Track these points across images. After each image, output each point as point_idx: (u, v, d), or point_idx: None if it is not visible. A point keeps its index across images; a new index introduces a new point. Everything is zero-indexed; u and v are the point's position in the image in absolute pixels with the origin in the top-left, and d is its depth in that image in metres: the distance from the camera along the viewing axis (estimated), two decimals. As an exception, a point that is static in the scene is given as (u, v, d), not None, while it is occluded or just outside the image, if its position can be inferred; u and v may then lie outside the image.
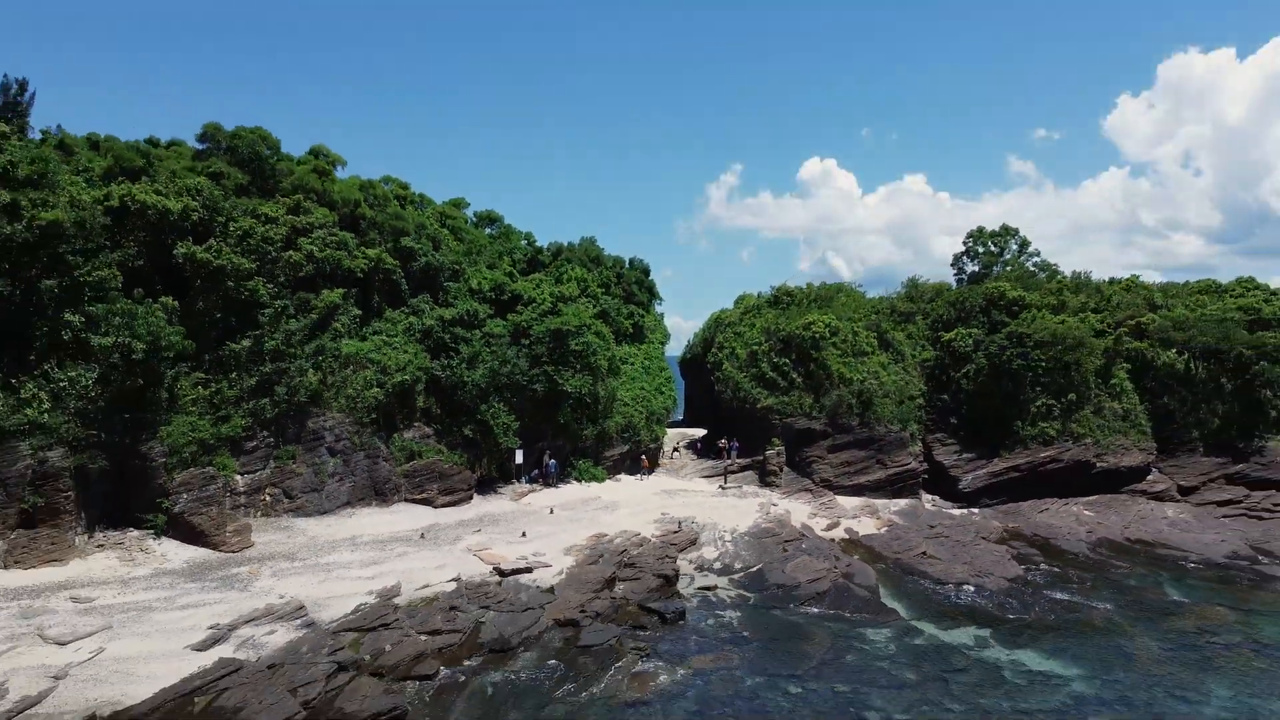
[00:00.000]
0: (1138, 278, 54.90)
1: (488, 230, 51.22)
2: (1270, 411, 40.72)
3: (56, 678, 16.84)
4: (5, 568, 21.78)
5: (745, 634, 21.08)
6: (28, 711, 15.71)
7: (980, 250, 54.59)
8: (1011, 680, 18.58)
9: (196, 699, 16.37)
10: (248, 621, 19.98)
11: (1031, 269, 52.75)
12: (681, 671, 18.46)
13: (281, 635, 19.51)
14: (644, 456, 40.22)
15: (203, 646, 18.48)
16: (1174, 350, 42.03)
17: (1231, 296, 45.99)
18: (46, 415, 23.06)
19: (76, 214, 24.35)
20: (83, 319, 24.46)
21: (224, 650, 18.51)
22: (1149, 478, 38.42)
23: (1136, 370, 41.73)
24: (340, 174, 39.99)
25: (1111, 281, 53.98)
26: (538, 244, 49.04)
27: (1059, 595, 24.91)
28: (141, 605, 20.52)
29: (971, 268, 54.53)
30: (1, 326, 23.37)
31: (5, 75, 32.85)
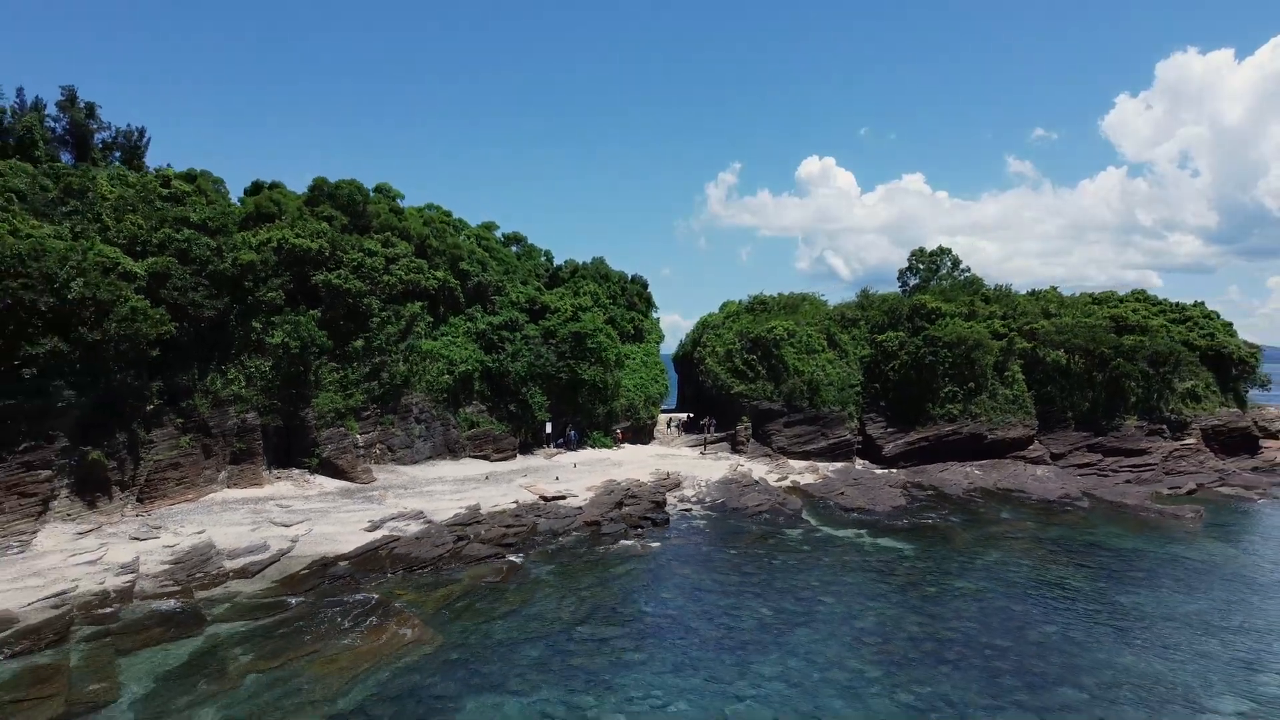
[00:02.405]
0: (1055, 289, 66.73)
1: (514, 249, 62.64)
2: (1130, 398, 52.30)
3: (292, 540, 28.41)
4: (229, 487, 33.50)
5: (707, 530, 32.76)
6: (286, 556, 27.28)
7: (920, 267, 66.25)
8: (867, 551, 30.20)
9: (380, 551, 27.95)
10: (391, 519, 31.53)
11: (962, 282, 64.32)
12: (664, 544, 30.12)
13: (414, 526, 31.06)
14: (618, 431, 51.21)
15: (370, 529, 30.06)
16: (1061, 350, 53.63)
17: (1109, 306, 57.73)
18: (244, 390, 34.74)
19: (261, 255, 36.00)
20: (261, 325, 36.10)
21: (382, 532, 30.07)
22: (1030, 447, 49.96)
23: (1028, 364, 53.28)
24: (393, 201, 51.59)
25: (1032, 293, 65.71)
26: (555, 261, 60.69)
27: (924, 515, 36.52)
28: (320, 510, 32.12)
29: (913, 281, 66.20)
30: (214, 332, 34.94)
31: (129, 124, 44.93)
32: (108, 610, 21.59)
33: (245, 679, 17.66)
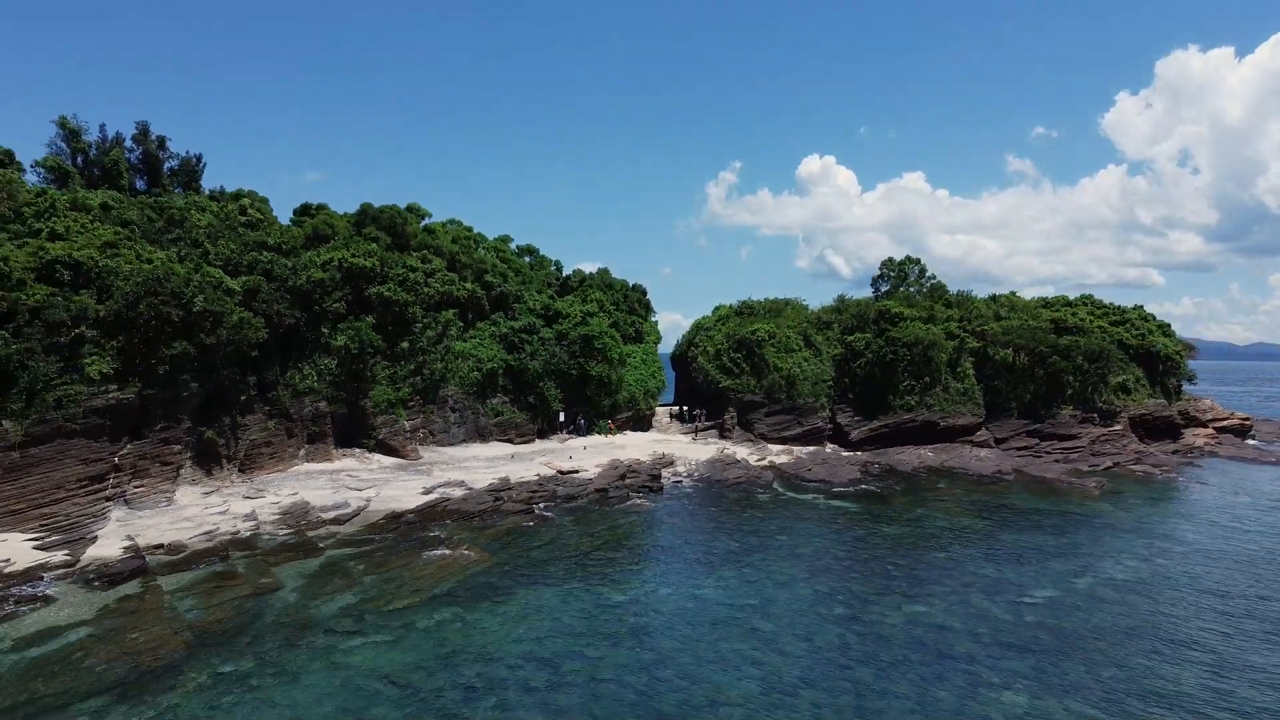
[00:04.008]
0: (1013, 293, 74.61)
1: (527, 259, 70.48)
2: (1067, 390, 60.01)
3: (366, 500, 36.24)
4: (307, 461, 41.38)
5: (694, 496, 40.61)
6: (364, 510, 35.08)
7: (891, 274, 74.08)
8: (819, 508, 37.99)
9: (436, 507, 35.74)
10: (440, 486, 39.33)
11: (928, 289, 72.11)
12: (658, 505, 37.95)
13: (459, 491, 38.85)
14: (610, 421, 58.75)
15: (425, 493, 37.88)
16: (1008, 348, 61.34)
17: (1053, 310, 65.59)
18: (315, 384, 42.60)
19: (327, 273, 43.87)
20: (328, 330, 43.95)
21: (435, 495, 37.84)
22: (977, 433, 57.69)
23: (979, 361, 60.99)
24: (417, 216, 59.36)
25: (993, 298, 73.46)
26: (564, 270, 68.68)
27: (874, 485, 44.33)
28: (383, 479, 39.95)
29: (884, 287, 74.01)
30: (291, 336, 42.75)
31: (187, 151, 52.83)
32: (247, 540, 29.47)
33: (364, 578, 25.49)
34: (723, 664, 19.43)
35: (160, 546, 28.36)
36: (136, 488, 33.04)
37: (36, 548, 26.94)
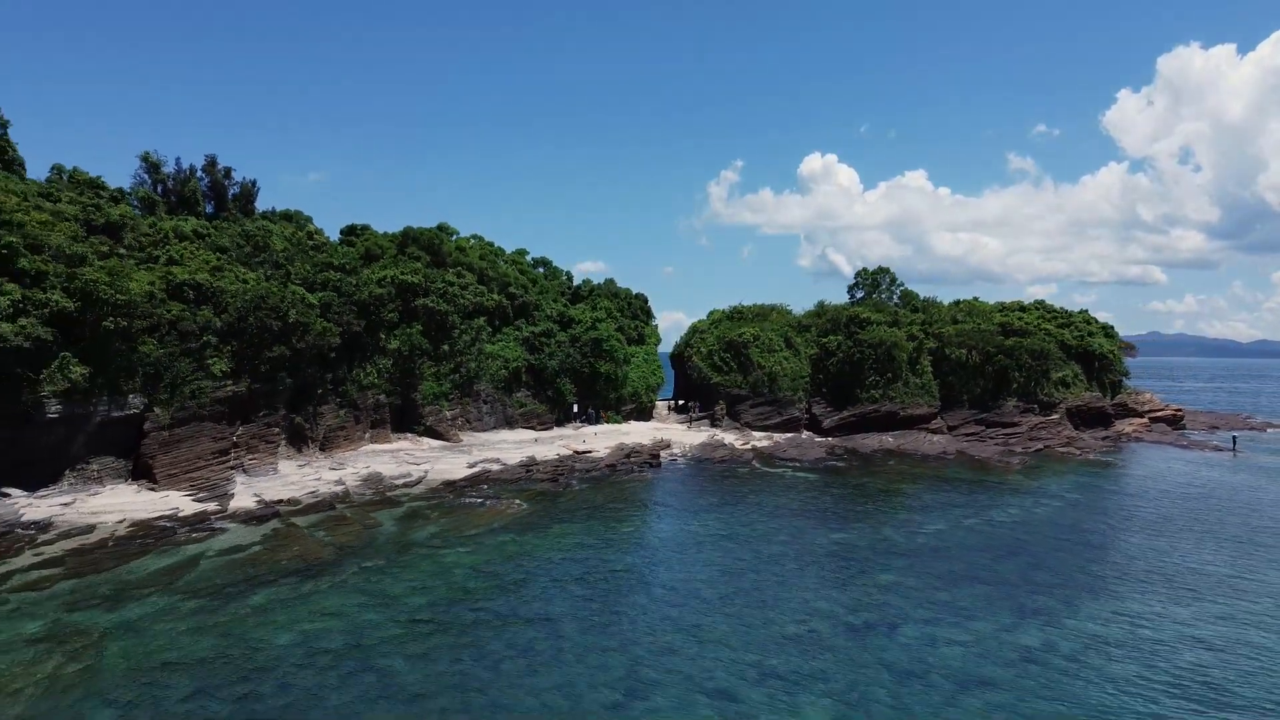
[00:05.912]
0: (977, 299, 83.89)
1: (540, 270, 79.86)
2: (1013, 384, 69.20)
3: (425, 471, 45.60)
4: (371, 443, 50.84)
5: (686, 470, 49.97)
6: (425, 478, 44.44)
7: (865, 283, 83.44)
8: (786, 478, 47.28)
9: (481, 476, 45.09)
10: (480, 462, 48.70)
11: (898, 295, 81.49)
12: (657, 476, 47.31)
13: (496, 466, 48.19)
14: (603, 413, 68.08)
15: (470, 467, 47.25)
16: (963, 349, 70.54)
17: (1003, 314, 74.92)
18: (375, 379, 52.04)
19: (383, 289, 53.32)
20: (384, 336, 53.38)
21: (478, 469, 47.19)
22: (933, 422, 66.91)
23: (936, 359, 70.20)
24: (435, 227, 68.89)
25: (956, 303, 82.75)
26: (574, 280, 78.06)
27: (835, 462, 53.62)
28: (434, 456, 49.33)
29: (859, 294, 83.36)
30: (354, 340, 52.15)
31: (244, 177, 62.35)
32: (343, 497, 38.88)
33: (440, 519, 34.87)
34: (697, 563, 28.80)
35: (281, 501, 37.76)
36: (250, 460, 42.48)
37: (194, 501, 36.41)
